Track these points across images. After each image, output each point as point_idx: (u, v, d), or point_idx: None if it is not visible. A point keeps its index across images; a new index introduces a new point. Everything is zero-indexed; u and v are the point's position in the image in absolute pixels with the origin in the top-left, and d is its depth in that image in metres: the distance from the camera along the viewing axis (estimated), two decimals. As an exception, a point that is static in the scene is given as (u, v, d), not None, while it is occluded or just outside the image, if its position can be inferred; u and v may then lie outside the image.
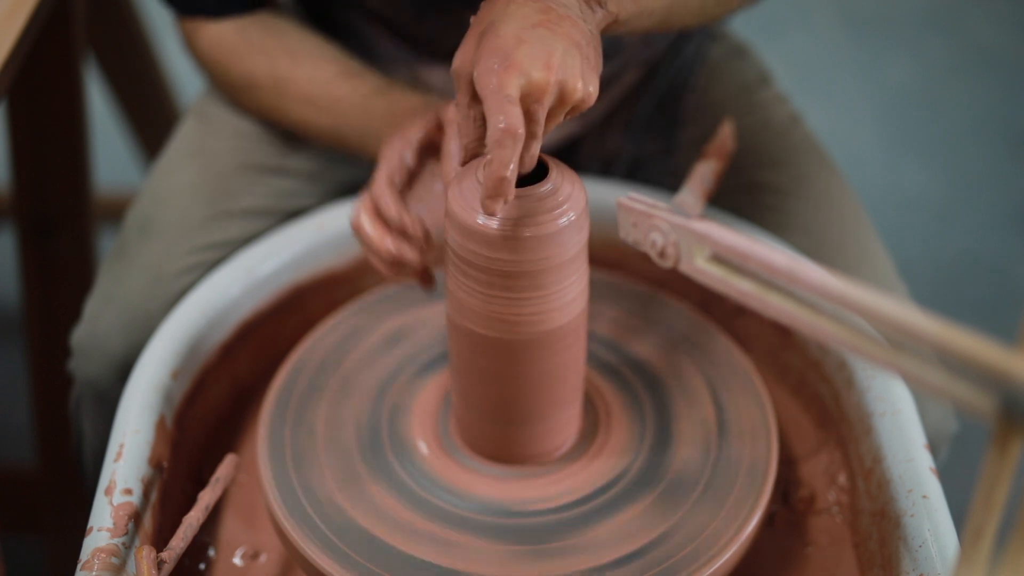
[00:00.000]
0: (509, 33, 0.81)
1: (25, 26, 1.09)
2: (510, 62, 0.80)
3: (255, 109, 1.17)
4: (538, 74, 0.80)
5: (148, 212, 1.18)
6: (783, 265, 0.69)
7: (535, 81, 0.80)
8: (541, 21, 0.82)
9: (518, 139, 0.79)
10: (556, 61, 0.81)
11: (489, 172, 0.79)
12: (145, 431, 0.96)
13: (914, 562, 0.88)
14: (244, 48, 1.12)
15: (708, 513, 0.92)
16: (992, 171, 2.41)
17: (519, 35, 0.81)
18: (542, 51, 0.81)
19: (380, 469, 0.96)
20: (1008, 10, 2.80)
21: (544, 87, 0.80)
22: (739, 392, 1.01)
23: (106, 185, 2.01)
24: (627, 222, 0.84)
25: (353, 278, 1.18)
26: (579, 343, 0.92)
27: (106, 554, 0.87)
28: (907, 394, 0.99)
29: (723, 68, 1.29)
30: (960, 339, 0.55)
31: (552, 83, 0.80)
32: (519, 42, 0.81)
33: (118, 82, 1.78)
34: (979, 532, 0.55)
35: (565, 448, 0.97)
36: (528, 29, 0.81)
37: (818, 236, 1.16)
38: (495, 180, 0.79)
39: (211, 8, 1.12)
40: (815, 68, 2.66)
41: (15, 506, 1.65)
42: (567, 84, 0.81)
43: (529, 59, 0.80)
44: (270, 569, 0.98)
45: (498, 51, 0.80)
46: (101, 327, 1.12)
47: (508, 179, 0.79)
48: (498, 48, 0.81)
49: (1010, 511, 0.55)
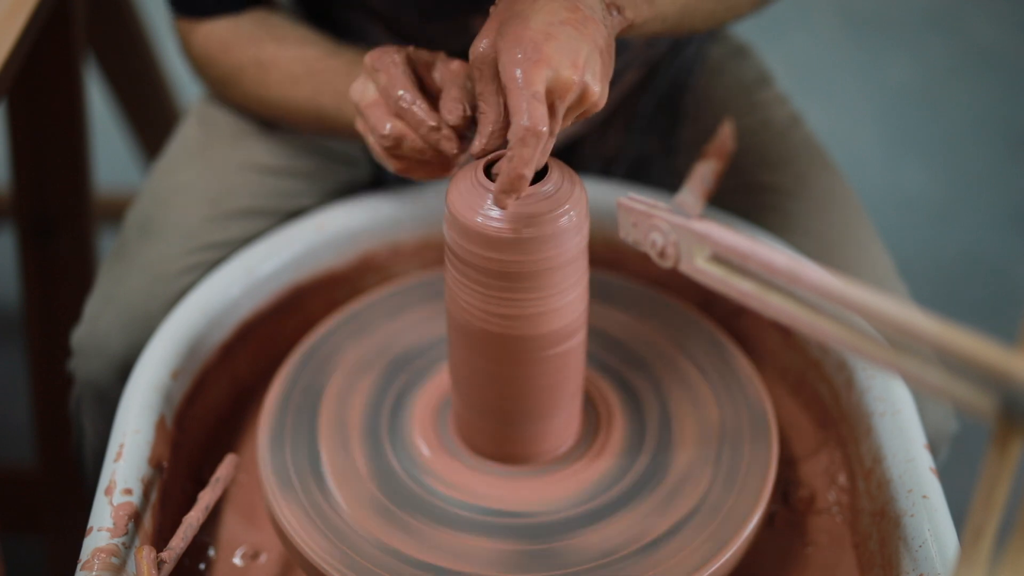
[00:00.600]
0: (538, 26, 0.81)
1: (25, 26, 1.09)
2: (540, 55, 0.80)
3: (240, 99, 1.17)
4: (566, 72, 0.80)
5: (148, 212, 1.18)
6: (783, 265, 0.69)
7: (563, 78, 0.80)
8: (568, 19, 0.83)
9: (542, 138, 0.79)
10: (582, 61, 0.81)
11: (509, 168, 0.79)
12: (145, 431, 0.96)
13: (914, 562, 0.88)
14: (234, 40, 1.12)
15: (708, 513, 0.92)
16: (992, 171, 2.41)
17: (548, 30, 0.81)
18: (570, 49, 0.81)
19: (380, 469, 0.96)
20: (1008, 10, 2.80)
21: (570, 85, 0.81)
22: (739, 392, 1.01)
23: (106, 185, 2.01)
24: (627, 222, 0.84)
25: (353, 278, 1.18)
26: (579, 343, 0.92)
27: (106, 554, 0.87)
28: (907, 394, 0.99)
29: (723, 68, 1.29)
30: (960, 339, 0.55)
31: (578, 82, 0.81)
32: (548, 37, 0.81)
33: (118, 82, 1.78)
34: (979, 532, 0.55)
35: (565, 448, 0.97)
36: (557, 25, 0.82)
37: (818, 236, 1.16)
38: (514, 177, 0.79)
39: (209, 7, 1.12)
40: (815, 68, 2.66)
41: (15, 506, 1.65)
42: (588, 86, 0.82)
43: (559, 55, 0.80)
44: (270, 569, 0.98)
45: (526, 42, 0.80)
46: (101, 327, 1.12)
47: (526, 177, 0.80)
48: (527, 39, 0.81)
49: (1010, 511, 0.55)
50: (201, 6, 1.13)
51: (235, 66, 1.13)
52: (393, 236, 1.18)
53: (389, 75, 0.90)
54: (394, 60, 0.90)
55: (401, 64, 0.90)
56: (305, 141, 1.21)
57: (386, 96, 0.90)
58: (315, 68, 1.09)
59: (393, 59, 0.90)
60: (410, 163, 0.92)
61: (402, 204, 1.18)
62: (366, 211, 1.17)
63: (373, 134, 0.91)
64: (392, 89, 0.89)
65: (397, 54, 0.91)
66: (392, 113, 0.90)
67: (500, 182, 0.80)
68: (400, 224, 1.18)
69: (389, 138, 0.90)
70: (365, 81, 0.92)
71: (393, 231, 1.18)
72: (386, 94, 0.90)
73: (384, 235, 1.17)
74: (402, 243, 1.18)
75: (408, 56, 0.91)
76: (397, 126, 0.90)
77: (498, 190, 0.80)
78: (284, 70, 1.10)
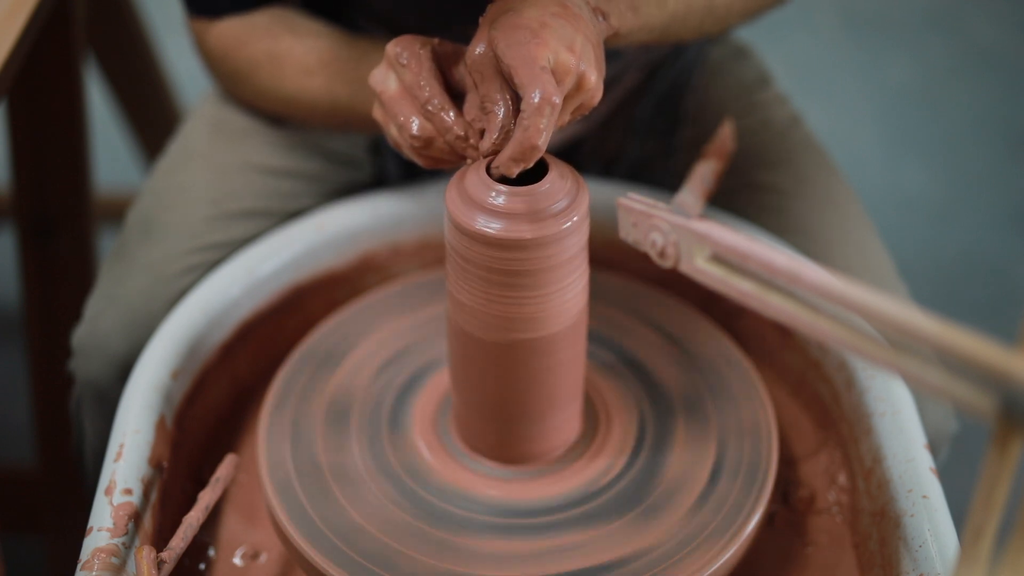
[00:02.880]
0: (533, 15, 0.83)
1: (25, 26, 1.09)
2: (539, 39, 0.81)
3: (253, 95, 1.16)
4: (564, 55, 0.82)
5: (149, 212, 1.18)
6: (783, 265, 0.69)
7: (561, 61, 0.82)
8: (559, 13, 0.84)
9: (555, 108, 0.80)
10: (578, 48, 0.83)
11: (522, 137, 0.80)
12: (145, 431, 0.96)
13: (914, 562, 0.88)
14: (249, 34, 1.12)
15: (708, 513, 0.92)
16: (992, 171, 2.41)
17: (542, 19, 0.83)
18: (565, 36, 0.82)
19: (380, 469, 0.96)
20: (1008, 10, 2.80)
21: (569, 68, 0.82)
22: (739, 392, 1.01)
23: (106, 185, 2.01)
24: (627, 222, 0.84)
25: (353, 278, 1.18)
26: (579, 343, 0.92)
27: (106, 554, 0.87)
28: (907, 394, 0.99)
29: (723, 69, 1.29)
30: (960, 339, 0.55)
31: (575, 66, 0.82)
32: (543, 25, 0.82)
33: (118, 82, 1.78)
34: (979, 532, 0.55)
35: (565, 448, 0.97)
36: (549, 16, 0.83)
37: (818, 236, 1.16)
38: (527, 146, 0.80)
39: (224, 6, 1.12)
40: (815, 68, 2.66)
41: (15, 506, 1.65)
42: (585, 74, 0.83)
43: (555, 40, 0.82)
44: (270, 569, 0.98)
45: (523, 28, 0.82)
46: (102, 327, 1.12)
47: (539, 147, 0.80)
48: (523, 25, 0.82)
49: (1010, 511, 0.55)
50: (216, 5, 1.12)
51: (249, 59, 1.13)
52: (393, 236, 1.18)
53: (414, 72, 0.88)
54: (420, 55, 0.89)
55: (427, 60, 0.89)
56: (307, 142, 1.21)
57: (412, 93, 0.89)
58: (329, 58, 1.09)
59: (418, 54, 0.89)
60: (433, 160, 0.92)
61: (402, 204, 1.18)
62: (366, 211, 1.17)
63: (400, 130, 0.90)
64: (419, 90, 0.88)
65: (422, 48, 0.89)
66: (418, 112, 0.89)
67: (511, 149, 0.81)
68: (400, 224, 1.18)
69: (420, 139, 0.89)
70: (387, 71, 0.90)
71: (393, 231, 1.18)
72: (412, 92, 0.89)
73: (384, 235, 1.17)
74: (402, 243, 1.18)
75: (433, 51, 0.90)
76: (426, 128, 0.88)
77: (507, 156, 0.81)
78: (298, 62, 1.10)
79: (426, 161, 0.91)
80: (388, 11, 1.13)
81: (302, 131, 1.21)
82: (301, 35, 1.10)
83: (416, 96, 0.88)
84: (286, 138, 1.21)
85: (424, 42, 0.90)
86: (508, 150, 0.81)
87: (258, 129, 1.21)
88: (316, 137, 1.21)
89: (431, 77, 0.88)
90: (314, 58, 1.09)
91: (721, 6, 1.03)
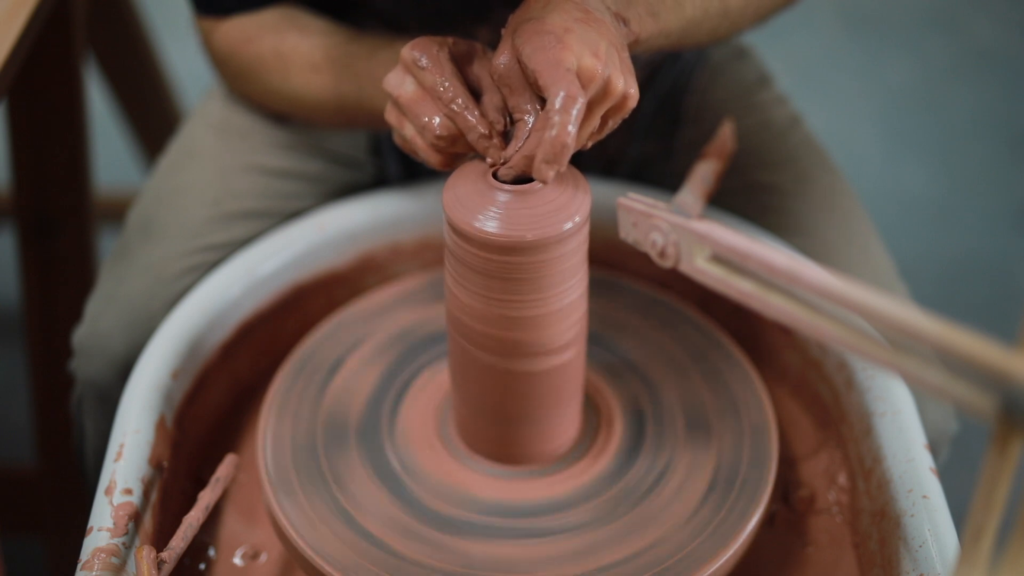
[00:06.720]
0: (556, 22, 0.83)
1: (25, 26, 1.09)
2: (563, 43, 0.81)
3: (260, 93, 1.16)
4: (588, 60, 0.82)
5: (150, 212, 1.18)
6: (783, 265, 0.69)
7: (586, 66, 0.81)
8: (582, 19, 0.84)
9: (582, 108, 0.80)
10: (603, 53, 0.82)
11: (553, 137, 0.80)
12: (145, 431, 0.96)
13: (914, 562, 0.88)
14: (256, 32, 1.12)
15: (708, 513, 0.92)
16: (992, 171, 2.41)
17: (566, 25, 0.82)
18: (589, 41, 0.82)
19: (380, 469, 0.96)
20: (1008, 10, 2.80)
21: (593, 73, 0.82)
22: (739, 392, 1.01)
23: (106, 185, 2.01)
24: (627, 222, 0.84)
25: (353, 278, 1.18)
26: (579, 344, 0.92)
27: (106, 554, 0.87)
28: (907, 394, 0.99)
29: (724, 69, 1.29)
30: (960, 339, 0.55)
31: (600, 71, 0.82)
32: (567, 31, 0.82)
33: (118, 82, 1.78)
34: (979, 532, 0.55)
35: (565, 449, 0.97)
36: (572, 22, 0.83)
37: (818, 236, 1.16)
38: (558, 146, 0.80)
39: (231, 5, 1.12)
40: (815, 68, 2.66)
41: (15, 506, 1.65)
42: (611, 78, 0.83)
43: (579, 45, 0.82)
44: (270, 569, 0.98)
45: (547, 34, 0.82)
46: (102, 327, 1.12)
47: (569, 146, 0.80)
48: (546, 31, 0.82)
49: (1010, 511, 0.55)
50: (223, 4, 1.12)
51: (256, 57, 1.13)
52: (393, 236, 1.18)
53: (436, 74, 0.88)
54: (438, 58, 0.89)
55: (447, 62, 0.89)
56: (308, 143, 1.21)
57: (434, 93, 0.89)
58: (335, 55, 1.09)
59: (437, 56, 0.89)
60: (451, 158, 0.92)
61: (402, 204, 1.18)
62: (366, 211, 1.17)
63: (423, 130, 0.90)
64: (443, 91, 0.88)
65: (440, 51, 0.89)
66: (441, 112, 0.89)
67: (543, 151, 0.80)
68: (400, 224, 1.18)
69: (444, 139, 0.89)
70: (403, 75, 0.90)
71: (393, 231, 1.18)
72: (434, 92, 0.88)
73: (384, 235, 1.17)
74: (402, 243, 1.18)
75: (450, 51, 0.90)
76: (450, 127, 0.88)
77: (540, 160, 0.81)
78: (304, 59, 1.10)
79: (440, 158, 0.91)
80: (388, 10, 1.13)
81: (303, 132, 1.21)
82: (307, 33, 1.11)
83: (439, 97, 0.88)
84: (287, 139, 1.21)
85: (441, 43, 0.90)
86: (540, 153, 0.81)
87: (259, 129, 1.21)
88: (317, 138, 1.21)
89: (453, 77, 0.88)
90: (320, 55, 1.09)
91: (735, 9, 1.03)
